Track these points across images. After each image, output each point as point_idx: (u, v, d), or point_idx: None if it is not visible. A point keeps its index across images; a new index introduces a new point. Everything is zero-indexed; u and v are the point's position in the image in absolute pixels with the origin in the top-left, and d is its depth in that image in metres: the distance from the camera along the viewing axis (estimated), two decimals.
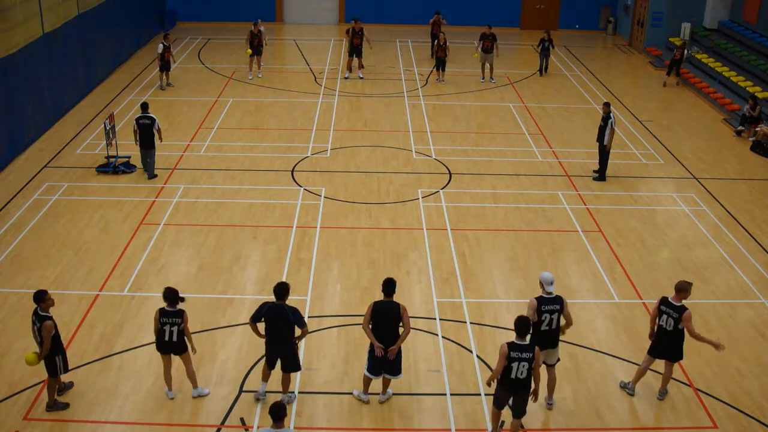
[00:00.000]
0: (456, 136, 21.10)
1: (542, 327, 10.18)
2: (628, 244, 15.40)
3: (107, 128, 17.84)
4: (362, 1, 33.97)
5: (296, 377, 11.07)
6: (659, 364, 11.02)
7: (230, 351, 11.76)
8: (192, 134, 20.69)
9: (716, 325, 12.79)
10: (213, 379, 11.11)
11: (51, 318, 10.16)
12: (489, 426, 10.21)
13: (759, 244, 15.53)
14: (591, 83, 26.75)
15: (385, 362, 10.34)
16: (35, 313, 10.19)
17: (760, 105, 21.91)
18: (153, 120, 17.58)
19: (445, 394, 10.89)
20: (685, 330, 10.37)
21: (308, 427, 10.30)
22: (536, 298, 10.20)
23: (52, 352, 10.24)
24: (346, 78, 26.22)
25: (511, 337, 12.21)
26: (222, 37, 31.80)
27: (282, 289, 10.20)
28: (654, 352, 10.71)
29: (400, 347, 10.35)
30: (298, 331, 10.33)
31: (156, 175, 17.84)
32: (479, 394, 10.91)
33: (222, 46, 30.40)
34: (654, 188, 18.24)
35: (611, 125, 17.77)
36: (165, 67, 24.27)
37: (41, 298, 10.15)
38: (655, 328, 10.63)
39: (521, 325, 9.34)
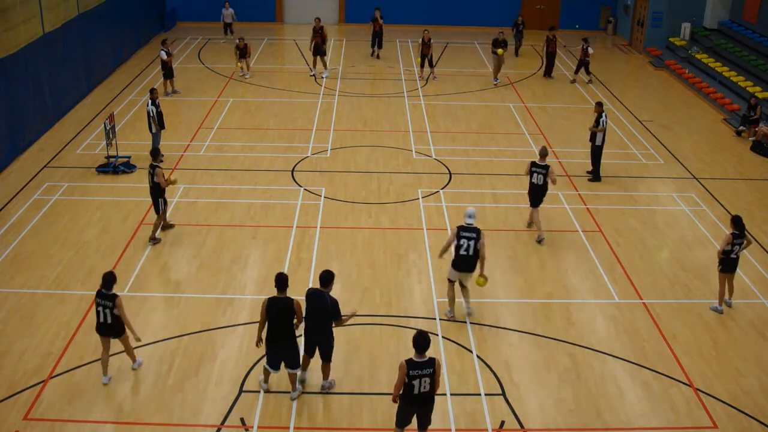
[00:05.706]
0: (456, 136, 21.10)
1: (461, 252, 12.11)
2: (628, 244, 15.40)
3: (107, 128, 17.85)
4: (362, 1, 33.96)
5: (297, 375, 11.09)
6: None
7: (230, 351, 11.75)
8: (192, 134, 20.69)
9: (716, 325, 12.80)
10: (213, 379, 11.11)
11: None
12: None
13: (759, 244, 15.53)
14: (591, 83, 26.74)
15: (282, 356, 10.51)
16: (150, 166, 14.58)
17: (761, 105, 21.92)
18: (147, 105, 18.62)
19: (445, 394, 10.88)
20: (550, 180, 15.05)
21: (308, 427, 10.30)
22: (457, 226, 12.27)
23: (157, 195, 14.61)
24: (311, 76, 26.36)
25: (512, 336, 12.26)
26: (222, 37, 31.76)
27: (327, 276, 10.45)
28: (532, 204, 15.35)
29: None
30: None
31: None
32: (479, 394, 10.92)
33: (222, 46, 30.39)
34: (654, 188, 18.23)
35: (603, 124, 17.77)
36: (169, 74, 23.81)
37: (158, 153, 14.81)
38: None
39: (421, 341, 9.06)
